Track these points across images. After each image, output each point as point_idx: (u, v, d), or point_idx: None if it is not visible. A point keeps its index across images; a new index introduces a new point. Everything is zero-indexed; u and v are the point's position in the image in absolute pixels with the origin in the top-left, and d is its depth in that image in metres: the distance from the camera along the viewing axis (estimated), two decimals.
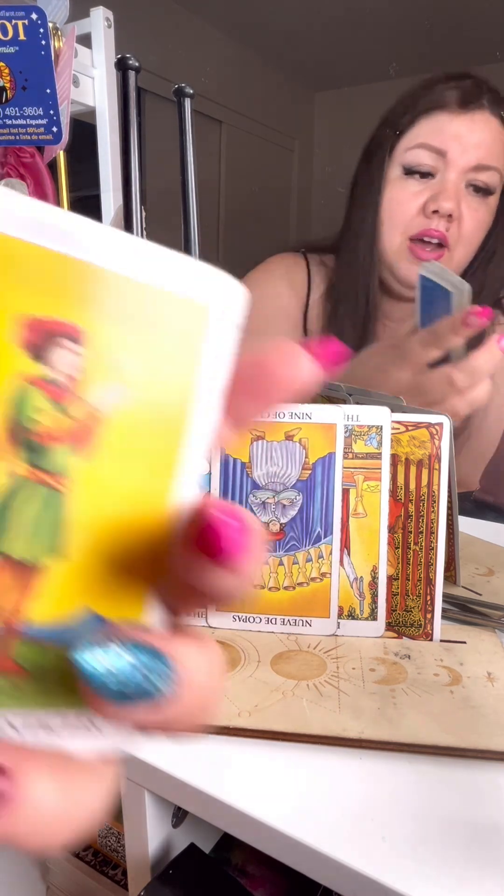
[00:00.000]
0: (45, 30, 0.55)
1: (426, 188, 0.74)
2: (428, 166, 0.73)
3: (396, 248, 0.77)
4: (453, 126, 0.71)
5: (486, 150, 0.72)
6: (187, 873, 0.34)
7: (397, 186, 0.75)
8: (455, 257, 0.76)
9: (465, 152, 0.72)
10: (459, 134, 0.71)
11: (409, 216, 0.75)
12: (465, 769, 0.31)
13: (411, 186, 0.75)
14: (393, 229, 0.76)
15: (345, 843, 0.27)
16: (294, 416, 0.41)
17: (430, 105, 0.72)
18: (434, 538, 0.40)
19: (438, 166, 0.73)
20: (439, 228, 0.73)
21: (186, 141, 0.49)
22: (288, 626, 0.41)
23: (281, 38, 2.89)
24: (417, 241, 0.75)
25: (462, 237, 0.75)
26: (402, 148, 0.74)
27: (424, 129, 0.73)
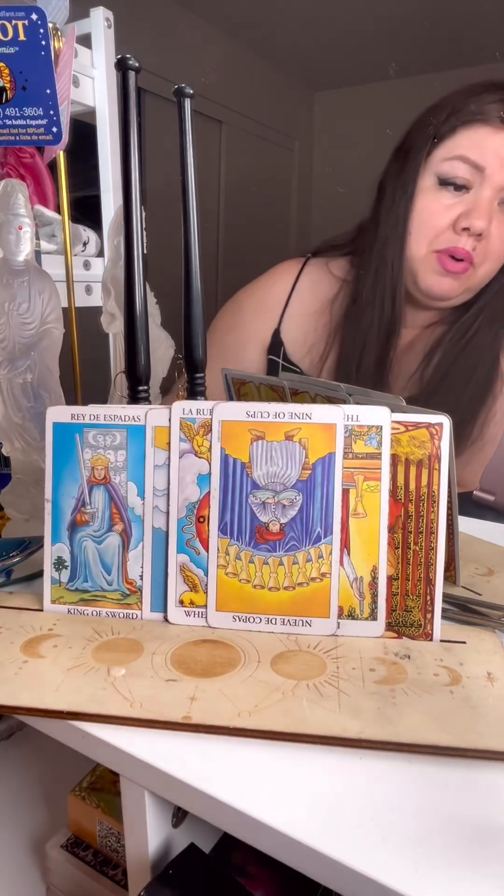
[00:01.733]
0: (45, 30, 0.55)
1: (459, 202, 0.72)
2: (464, 179, 0.71)
3: (422, 258, 0.75)
4: (494, 142, 0.69)
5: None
6: (187, 873, 0.34)
7: (430, 196, 0.73)
8: (479, 274, 0.75)
9: (502, 169, 0.70)
10: (499, 150, 0.69)
11: (439, 229, 0.73)
12: (465, 769, 0.31)
13: (444, 198, 0.73)
14: (420, 239, 0.74)
15: (345, 843, 0.27)
16: (294, 416, 0.41)
17: (472, 117, 0.70)
18: (434, 538, 0.40)
19: (475, 181, 0.71)
20: (466, 247, 0.72)
21: (186, 141, 0.49)
22: (288, 626, 0.41)
23: (281, 38, 2.89)
24: (443, 253, 0.74)
25: (489, 254, 0.74)
26: (438, 157, 0.72)
27: (465, 141, 0.71)
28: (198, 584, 0.42)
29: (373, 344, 0.79)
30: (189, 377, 0.53)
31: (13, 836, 0.58)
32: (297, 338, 0.85)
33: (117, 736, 0.33)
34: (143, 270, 0.45)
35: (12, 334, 0.53)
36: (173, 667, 0.37)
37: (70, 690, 0.35)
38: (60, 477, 0.44)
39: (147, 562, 0.43)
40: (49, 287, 0.54)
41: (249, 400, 0.60)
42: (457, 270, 0.74)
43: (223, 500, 0.42)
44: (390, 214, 0.76)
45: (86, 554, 0.43)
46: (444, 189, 0.73)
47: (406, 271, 0.77)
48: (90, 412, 0.43)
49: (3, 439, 0.54)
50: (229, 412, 0.42)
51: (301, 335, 0.85)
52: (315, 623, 0.41)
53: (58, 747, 0.37)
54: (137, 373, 0.46)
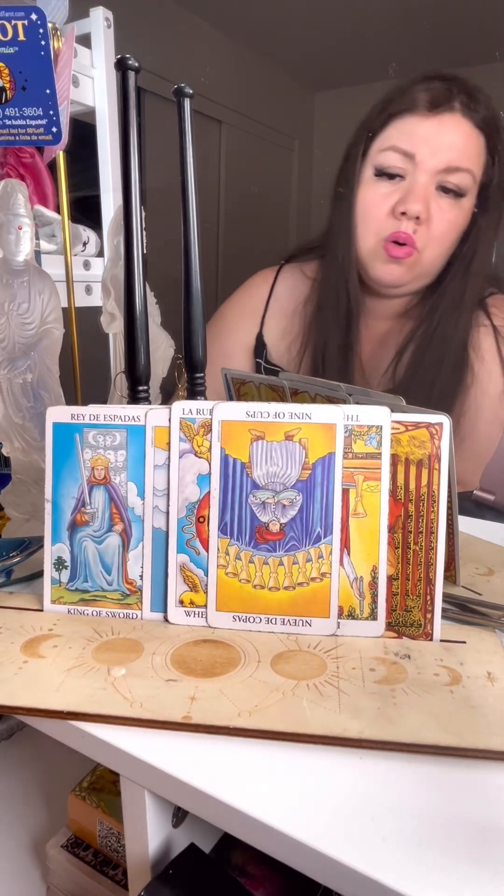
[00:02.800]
0: (44, 30, 0.55)
1: (396, 190, 0.75)
2: (398, 168, 0.74)
3: (371, 249, 0.78)
4: (422, 129, 0.72)
5: (457, 152, 0.72)
6: (187, 873, 0.34)
7: (369, 188, 0.77)
8: (425, 258, 0.77)
9: (434, 155, 0.72)
10: (428, 136, 0.72)
11: (381, 218, 0.76)
12: (465, 769, 0.31)
13: (382, 188, 0.76)
14: (366, 230, 0.78)
15: (345, 843, 0.27)
16: (294, 416, 0.41)
17: (401, 107, 0.73)
18: (434, 538, 0.40)
19: (408, 168, 0.74)
20: (407, 231, 0.74)
21: (186, 141, 0.49)
22: (288, 626, 0.41)
23: (281, 38, 2.89)
24: (388, 241, 0.76)
25: (432, 239, 0.75)
26: (374, 150, 0.76)
27: (395, 132, 0.74)
28: (198, 584, 0.42)
29: (334, 335, 0.82)
30: (189, 377, 0.53)
31: (13, 836, 0.58)
32: (277, 338, 0.88)
33: (117, 736, 0.33)
34: (142, 270, 0.45)
35: (12, 334, 0.53)
36: (173, 667, 0.37)
37: (70, 690, 0.35)
38: (60, 477, 0.44)
39: (147, 562, 0.43)
40: (49, 287, 0.54)
41: (249, 400, 0.60)
42: (400, 255, 0.76)
43: (223, 500, 0.42)
44: (338, 209, 0.80)
45: (86, 554, 0.43)
46: (381, 179, 0.76)
47: (359, 263, 0.80)
48: (90, 412, 0.43)
49: (3, 439, 0.54)
50: (229, 412, 0.42)
51: (280, 335, 0.88)
52: (315, 623, 0.41)
53: (58, 747, 0.37)
54: (137, 373, 0.46)
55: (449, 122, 0.72)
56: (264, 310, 0.90)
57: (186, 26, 2.69)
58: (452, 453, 0.40)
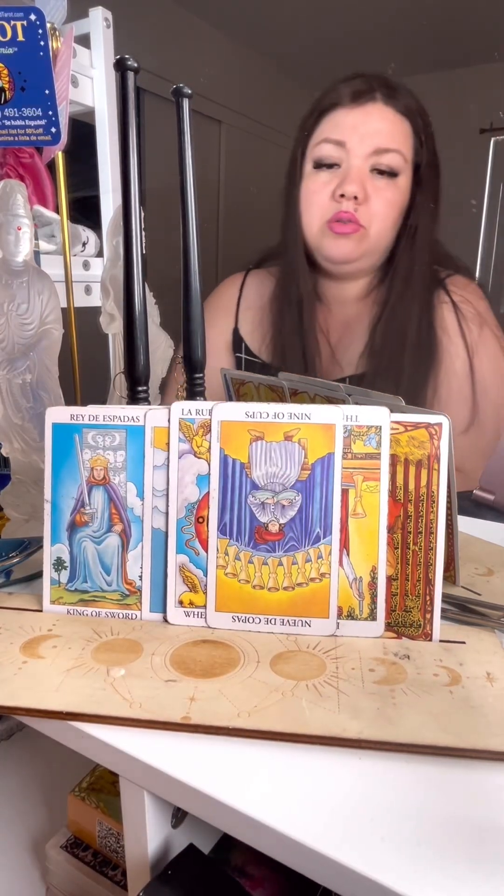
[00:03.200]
0: (43, 30, 0.55)
1: (334, 177, 0.83)
2: (332, 157, 0.82)
3: (317, 231, 0.85)
4: (348, 119, 0.81)
5: (383, 135, 0.80)
6: (187, 874, 0.34)
7: (311, 179, 0.85)
8: (371, 234, 0.84)
9: (362, 140, 0.80)
10: (355, 125, 0.80)
11: (323, 203, 0.84)
12: (465, 769, 0.31)
13: (321, 177, 0.84)
14: (311, 216, 0.85)
15: (344, 844, 0.27)
16: (293, 416, 0.41)
17: (328, 104, 0.82)
18: (433, 538, 0.40)
19: (341, 156, 0.82)
20: (349, 210, 0.82)
21: (185, 141, 0.49)
22: (287, 626, 0.41)
23: (281, 38, 2.89)
24: (334, 222, 0.83)
25: (373, 216, 0.83)
26: (311, 146, 0.84)
27: (326, 126, 0.82)
28: (197, 584, 0.42)
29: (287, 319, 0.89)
30: (188, 377, 0.53)
31: (13, 836, 0.58)
32: (251, 331, 0.95)
33: (117, 736, 0.33)
34: (142, 270, 0.45)
35: (11, 335, 0.53)
36: (173, 667, 0.37)
37: (69, 691, 0.35)
38: (60, 477, 0.44)
39: (146, 562, 0.43)
40: (48, 287, 0.54)
41: (249, 400, 0.60)
42: (346, 231, 0.83)
43: (222, 501, 0.42)
44: (287, 203, 0.89)
45: (85, 554, 0.43)
46: (320, 170, 0.84)
47: (310, 247, 0.87)
48: (89, 413, 0.43)
49: (3, 440, 0.54)
50: (228, 412, 0.42)
51: (252, 329, 0.95)
52: (314, 623, 0.41)
53: (57, 748, 0.37)
54: (136, 373, 0.46)
55: (372, 110, 0.80)
56: (237, 306, 0.97)
57: (186, 26, 2.68)
58: (452, 454, 0.40)
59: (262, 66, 3.19)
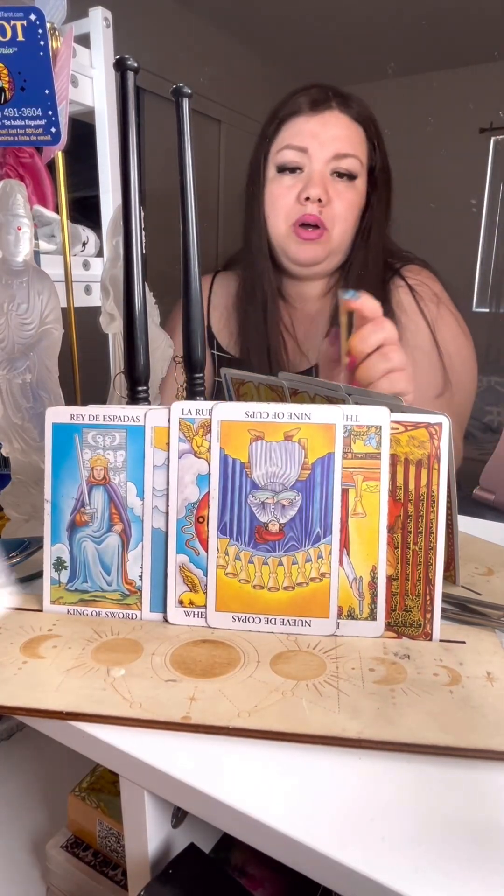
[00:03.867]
0: (43, 30, 0.55)
1: (297, 181, 0.87)
2: (295, 162, 0.86)
3: (283, 234, 0.88)
4: (308, 126, 0.85)
5: (341, 141, 0.85)
6: (187, 873, 0.34)
7: (274, 183, 0.88)
8: (334, 235, 0.87)
9: (322, 146, 0.84)
10: (315, 132, 0.84)
11: (288, 206, 0.87)
12: (465, 769, 0.31)
13: (285, 181, 0.88)
14: (277, 219, 0.88)
15: (344, 843, 0.27)
16: (293, 416, 0.41)
17: (287, 113, 0.87)
18: (433, 538, 0.40)
19: (303, 161, 0.86)
20: (313, 213, 0.85)
21: (185, 141, 0.49)
22: (287, 626, 0.41)
23: (280, 37, 2.89)
24: (300, 226, 0.87)
25: (336, 217, 0.86)
26: (273, 151, 0.88)
27: (287, 133, 0.87)
28: (197, 584, 0.42)
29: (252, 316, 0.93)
30: (188, 377, 0.53)
31: (13, 836, 0.58)
32: (220, 329, 0.99)
33: (117, 736, 0.33)
34: (141, 270, 0.45)
35: (11, 335, 0.53)
36: (173, 667, 0.37)
37: (69, 691, 0.35)
38: (60, 477, 0.44)
39: (146, 562, 0.43)
40: (48, 287, 0.54)
41: (248, 400, 0.60)
42: (312, 237, 0.87)
43: (222, 501, 0.42)
44: (250, 207, 0.92)
45: (85, 554, 0.43)
46: (284, 174, 0.88)
47: (275, 249, 0.91)
48: (89, 413, 0.43)
49: (3, 440, 0.54)
50: (228, 412, 0.42)
51: (221, 327, 0.99)
52: (314, 623, 0.41)
53: (58, 747, 0.37)
54: (136, 373, 0.46)
55: (329, 118, 0.85)
56: (207, 305, 1.00)
57: (186, 26, 2.68)
58: (452, 453, 0.40)
59: (263, 67, 3.19)
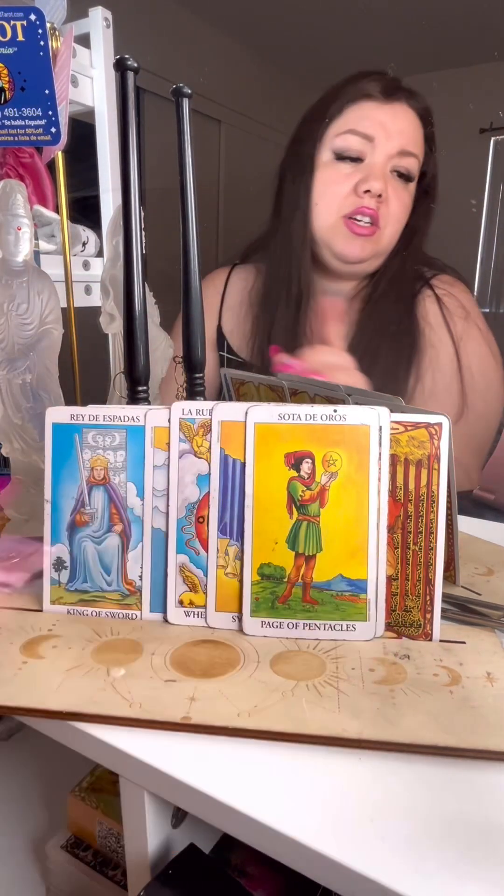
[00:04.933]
0: (43, 30, 0.55)
1: (356, 170, 0.80)
2: (357, 151, 0.79)
3: (331, 225, 0.82)
4: (378, 114, 0.78)
5: (406, 137, 0.79)
6: (187, 873, 0.34)
7: (329, 169, 0.81)
8: (385, 235, 0.82)
9: (389, 138, 0.78)
10: (384, 121, 0.78)
11: (342, 195, 0.81)
12: (465, 769, 0.31)
13: (343, 169, 0.80)
14: (327, 209, 0.81)
15: (344, 843, 0.27)
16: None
17: (356, 95, 0.79)
18: (433, 538, 0.40)
19: (366, 150, 0.79)
20: (371, 206, 0.79)
21: (185, 141, 0.49)
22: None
23: (280, 37, 2.89)
24: (352, 219, 0.80)
25: (390, 217, 0.81)
26: (332, 134, 0.80)
27: (353, 117, 0.79)
28: (197, 584, 0.42)
29: (282, 315, 0.85)
30: (188, 377, 0.53)
31: (13, 836, 0.58)
32: (233, 330, 0.93)
33: (117, 736, 0.33)
34: (142, 270, 0.45)
35: (11, 335, 0.53)
36: (173, 667, 0.37)
37: (69, 691, 0.35)
38: (60, 477, 0.44)
39: (146, 562, 0.43)
40: (48, 287, 0.54)
41: (248, 400, 0.60)
42: (365, 233, 0.81)
43: (223, 501, 0.42)
44: (291, 193, 0.84)
45: (85, 554, 0.43)
46: (342, 162, 0.80)
47: (318, 241, 0.83)
48: (89, 413, 0.43)
49: (3, 440, 0.54)
50: (229, 412, 0.42)
51: (234, 326, 0.93)
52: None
53: (57, 748, 0.37)
54: (136, 373, 0.46)
55: (399, 110, 0.79)
56: (220, 303, 0.95)
57: (185, 26, 2.68)
58: (452, 453, 0.40)
59: (262, 66, 3.19)
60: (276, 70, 3.28)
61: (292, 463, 0.41)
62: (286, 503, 0.41)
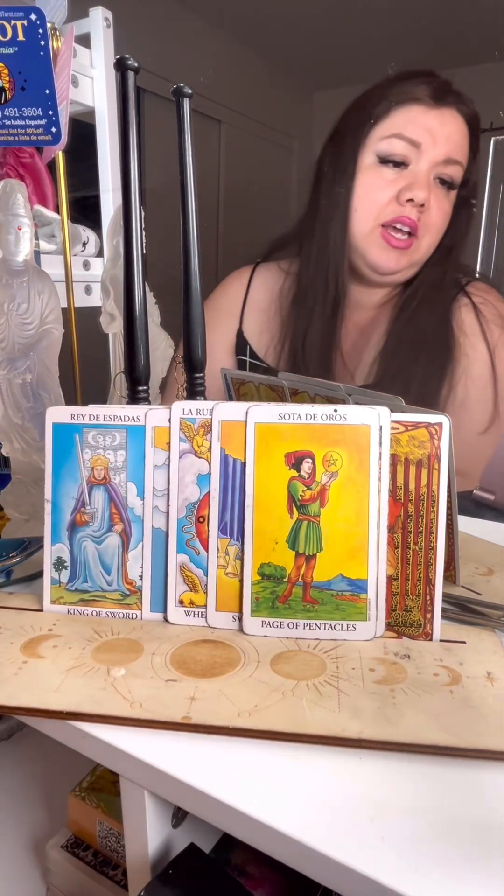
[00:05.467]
0: (43, 30, 0.55)
1: (400, 177, 0.77)
2: (402, 156, 0.76)
3: (367, 234, 0.79)
4: (427, 119, 0.74)
5: (453, 144, 0.76)
6: (187, 873, 0.34)
7: (372, 173, 0.77)
8: (422, 246, 0.79)
9: (435, 145, 0.75)
10: (432, 127, 0.75)
11: (383, 203, 0.77)
12: (465, 769, 0.31)
13: (386, 174, 0.77)
14: (366, 215, 0.78)
15: (344, 843, 0.27)
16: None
17: (405, 97, 0.75)
18: (434, 538, 0.40)
19: (412, 156, 0.76)
20: (412, 216, 0.76)
21: (185, 141, 0.49)
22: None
23: (280, 37, 2.89)
24: (389, 228, 0.77)
25: (430, 227, 0.78)
26: (376, 136, 0.77)
27: (399, 120, 0.75)
28: (197, 584, 0.42)
29: (317, 323, 0.82)
30: (188, 377, 0.53)
31: (13, 836, 0.58)
32: (257, 334, 0.90)
33: (117, 736, 0.33)
34: (142, 270, 0.45)
35: (11, 335, 0.53)
36: (173, 667, 0.37)
37: (70, 691, 0.35)
38: (60, 477, 0.44)
39: (147, 562, 0.43)
40: (48, 287, 0.54)
41: (249, 400, 0.60)
42: (401, 246, 0.77)
43: (223, 500, 0.42)
44: (331, 194, 0.80)
45: (85, 554, 0.43)
46: (385, 166, 0.77)
47: (352, 248, 0.80)
48: (90, 412, 0.43)
49: (3, 440, 0.54)
50: (229, 412, 0.42)
51: (259, 330, 0.90)
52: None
53: (58, 747, 0.37)
54: (137, 373, 0.46)
55: (448, 116, 0.75)
56: (242, 306, 0.91)
57: (186, 26, 2.68)
58: (452, 453, 0.40)
59: (262, 66, 3.19)
60: (277, 70, 3.28)
61: (293, 463, 0.41)
62: (286, 503, 0.41)
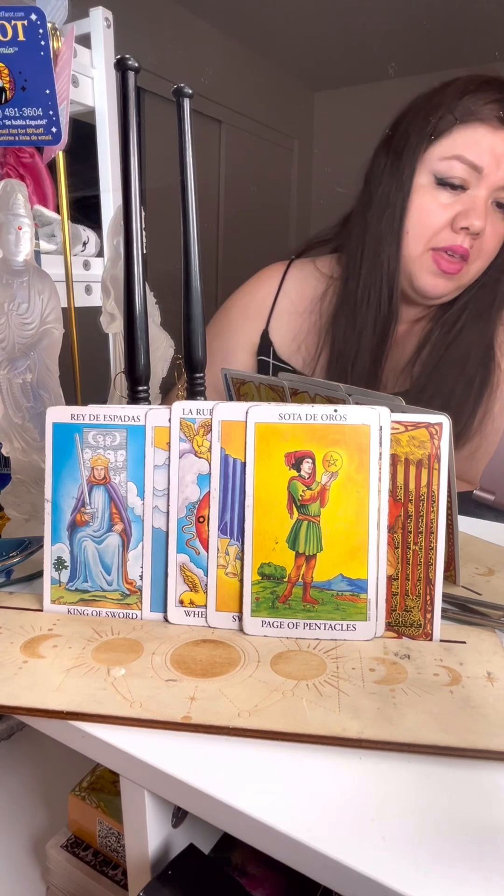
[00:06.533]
0: (44, 30, 0.55)
1: (457, 201, 0.73)
2: (461, 179, 0.72)
3: (418, 257, 0.76)
4: (491, 141, 0.70)
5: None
6: (187, 873, 0.34)
7: (427, 195, 0.74)
8: (472, 270, 0.76)
9: (498, 169, 0.71)
10: (496, 151, 0.70)
11: (437, 228, 0.74)
12: (465, 769, 0.31)
13: (442, 198, 0.73)
14: (418, 238, 0.75)
15: (344, 843, 0.27)
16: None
17: (469, 116, 0.70)
18: (434, 538, 0.40)
19: (471, 181, 0.72)
20: (465, 245, 0.73)
21: (185, 141, 0.49)
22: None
23: (280, 37, 2.89)
24: (441, 252, 0.74)
25: (482, 252, 0.75)
26: (435, 156, 0.72)
27: (462, 140, 0.71)
28: (197, 583, 0.42)
29: (368, 342, 0.79)
30: (189, 377, 0.53)
31: (13, 836, 0.58)
32: (286, 336, 0.86)
33: (117, 736, 0.33)
34: (142, 270, 0.45)
35: (12, 334, 0.53)
36: (173, 667, 0.37)
37: (70, 690, 0.35)
38: (60, 477, 0.44)
39: (147, 562, 0.43)
40: (48, 287, 0.54)
41: (249, 400, 0.60)
42: (452, 271, 0.75)
43: (223, 500, 0.42)
44: (385, 212, 0.76)
45: (86, 554, 0.43)
46: (442, 188, 0.73)
47: (401, 270, 0.78)
48: (90, 412, 0.43)
49: (3, 439, 0.54)
50: (229, 412, 0.42)
51: (290, 334, 0.86)
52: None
53: (58, 747, 0.37)
54: (137, 373, 0.46)
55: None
56: (272, 307, 0.87)
57: (186, 26, 2.68)
58: (452, 453, 0.40)
59: (263, 66, 3.19)
60: (276, 70, 3.28)
61: (293, 463, 0.41)
62: (286, 503, 0.41)
